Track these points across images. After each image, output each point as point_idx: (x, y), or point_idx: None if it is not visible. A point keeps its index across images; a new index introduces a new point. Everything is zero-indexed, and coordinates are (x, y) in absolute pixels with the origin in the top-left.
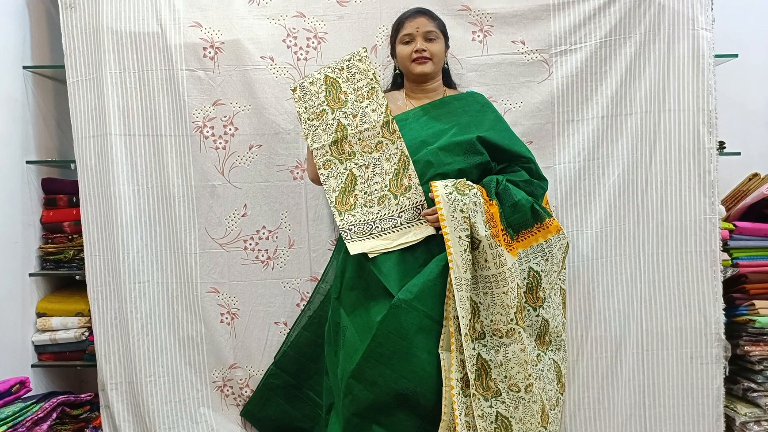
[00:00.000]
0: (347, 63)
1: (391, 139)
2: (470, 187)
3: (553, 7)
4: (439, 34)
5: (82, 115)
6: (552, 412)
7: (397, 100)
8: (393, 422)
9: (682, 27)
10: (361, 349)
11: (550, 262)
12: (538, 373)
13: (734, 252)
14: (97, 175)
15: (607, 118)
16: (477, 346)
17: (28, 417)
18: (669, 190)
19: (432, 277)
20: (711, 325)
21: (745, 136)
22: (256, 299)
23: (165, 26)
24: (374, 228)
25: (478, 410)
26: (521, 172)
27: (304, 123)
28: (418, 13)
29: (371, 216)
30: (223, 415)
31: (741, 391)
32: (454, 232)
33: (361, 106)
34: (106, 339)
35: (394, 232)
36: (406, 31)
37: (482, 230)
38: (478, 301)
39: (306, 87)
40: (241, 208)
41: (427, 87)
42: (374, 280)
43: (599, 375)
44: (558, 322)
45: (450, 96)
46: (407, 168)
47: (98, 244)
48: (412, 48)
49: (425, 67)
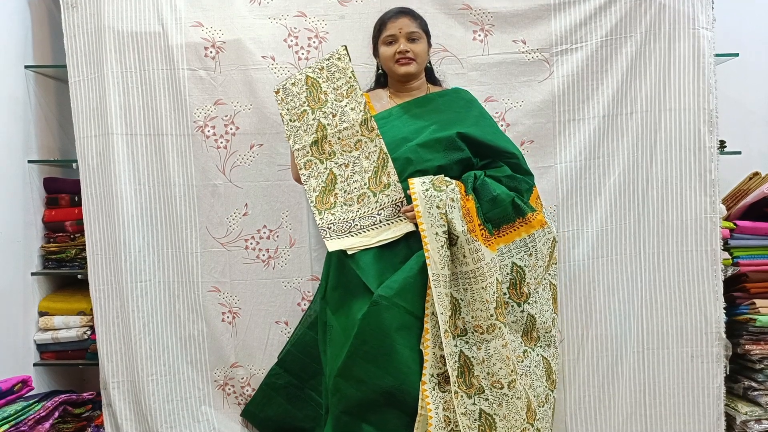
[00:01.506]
0: (327, 62)
1: (370, 137)
2: (448, 183)
3: (554, 6)
4: (422, 34)
5: (83, 114)
6: (540, 409)
7: (381, 99)
8: (382, 420)
9: (682, 26)
10: (345, 347)
11: (534, 257)
12: (524, 369)
13: (735, 251)
14: (99, 175)
15: (607, 117)
16: (459, 343)
17: (30, 416)
18: (670, 189)
19: (413, 273)
20: (711, 324)
21: (745, 135)
22: (257, 298)
23: (166, 26)
24: (353, 226)
25: (461, 408)
26: (504, 167)
27: (287, 124)
28: (400, 13)
29: (351, 214)
30: (225, 414)
31: (742, 389)
32: (431, 228)
33: (340, 105)
34: (108, 338)
35: (373, 229)
36: (388, 32)
37: (459, 226)
38: (459, 298)
39: (288, 88)
40: (242, 208)
41: (411, 86)
42: (354, 277)
43: (600, 374)
44: (546, 318)
45: (433, 93)
46: (386, 165)
47: (100, 243)
48: (395, 49)
49: (409, 68)
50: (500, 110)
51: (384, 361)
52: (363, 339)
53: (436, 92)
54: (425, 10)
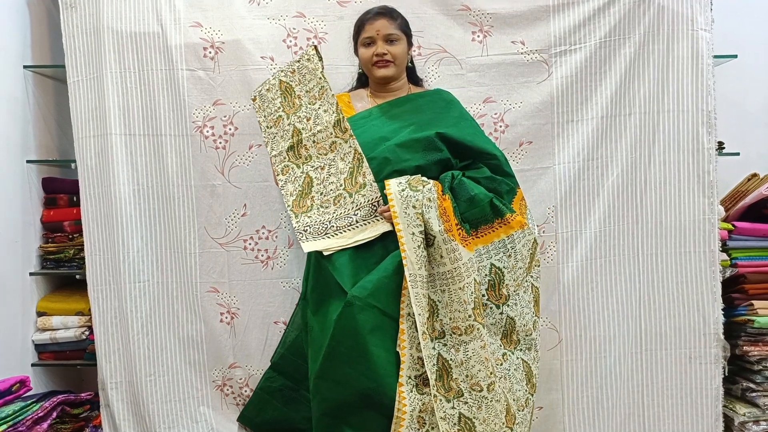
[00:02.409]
0: (297, 64)
1: (344, 138)
2: (424, 183)
3: (553, 7)
4: (401, 35)
5: (82, 114)
6: (520, 413)
7: (362, 99)
8: (362, 422)
9: (681, 28)
10: (323, 348)
11: (513, 258)
12: (503, 372)
13: (733, 252)
14: (98, 175)
15: (606, 118)
16: (437, 346)
17: (28, 416)
18: (668, 191)
19: (388, 273)
20: (710, 325)
21: (744, 136)
22: (256, 299)
23: (165, 26)
24: (330, 227)
25: (440, 412)
26: (483, 168)
27: (264, 131)
28: (378, 14)
29: (327, 216)
30: (223, 415)
31: (740, 391)
32: (407, 228)
33: (313, 108)
34: (107, 338)
35: (349, 230)
36: (366, 34)
37: (436, 226)
38: (437, 299)
39: (264, 95)
40: (241, 208)
41: (391, 86)
42: (331, 278)
43: (598, 375)
44: (527, 321)
45: (414, 93)
46: (361, 165)
47: (98, 243)
48: (372, 51)
49: (387, 71)
50: (499, 111)
51: (359, 362)
52: (338, 340)
53: (416, 93)
54: (424, 11)
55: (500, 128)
